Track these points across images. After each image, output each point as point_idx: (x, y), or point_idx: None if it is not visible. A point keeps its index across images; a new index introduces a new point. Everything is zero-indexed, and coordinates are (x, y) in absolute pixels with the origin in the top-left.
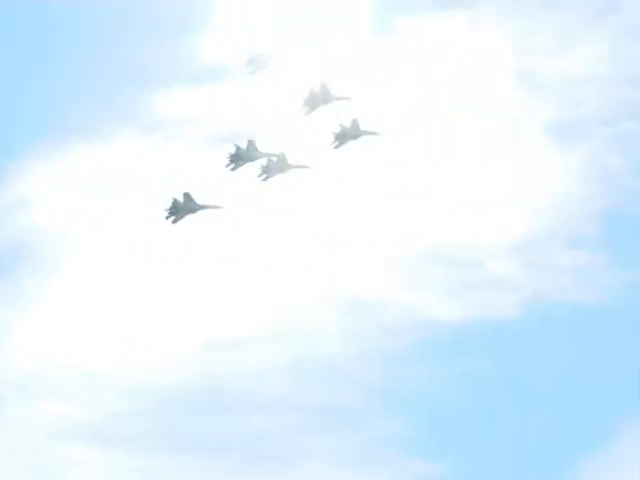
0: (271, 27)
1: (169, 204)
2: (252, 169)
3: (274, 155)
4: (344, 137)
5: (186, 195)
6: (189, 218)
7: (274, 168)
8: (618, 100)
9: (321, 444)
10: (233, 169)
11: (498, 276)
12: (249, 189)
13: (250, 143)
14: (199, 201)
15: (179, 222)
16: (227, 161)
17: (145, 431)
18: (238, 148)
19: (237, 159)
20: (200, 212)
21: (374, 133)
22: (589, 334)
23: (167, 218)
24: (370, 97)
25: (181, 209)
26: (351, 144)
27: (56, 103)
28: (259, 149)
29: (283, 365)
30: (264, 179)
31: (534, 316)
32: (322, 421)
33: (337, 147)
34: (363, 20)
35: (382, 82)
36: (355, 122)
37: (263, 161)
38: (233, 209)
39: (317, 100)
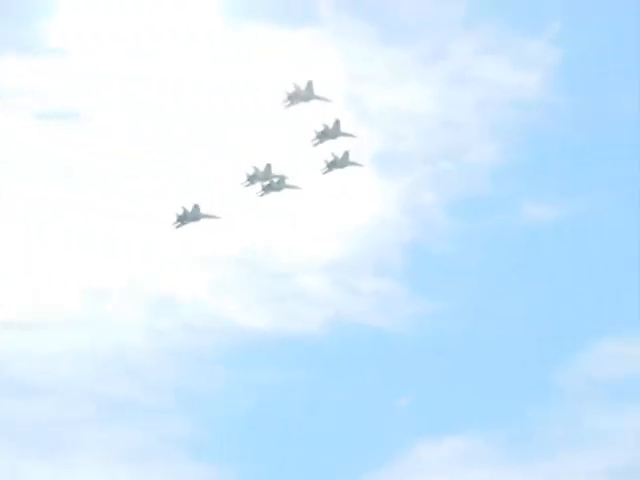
0: (117, 20)
1: (179, 213)
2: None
3: (281, 176)
4: (334, 165)
5: (195, 206)
6: None
7: (273, 187)
8: (439, 140)
9: (103, 437)
10: (247, 186)
11: (306, 291)
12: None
13: (267, 166)
14: (202, 210)
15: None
16: (244, 179)
17: None
18: (256, 170)
19: (254, 179)
20: (202, 220)
21: (359, 164)
22: (385, 359)
23: (174, 224)
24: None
25: (187, 217)
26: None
27: None
28: (272, 171)
29: (77, 352)
30: (260, 195)
31: (336, 334)
32: (109, 414)
33: (325, 173)
34: (212, 19)
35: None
36: (347, 153)
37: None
38: None
39: (328, 135)
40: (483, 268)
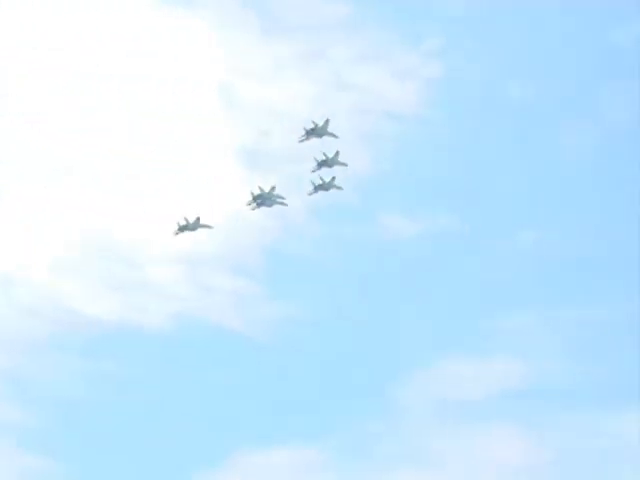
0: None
1: (182, 223)
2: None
3: (280, 197)
4: (320, 187)
5: (197, 218)
6: None
7: (264, 204)
8: (308, 142)
9: None
10: (250, 204)
11: (157, 283)
12: None
13: (272, 188)
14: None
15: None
16: (250, 200)
17: None
18: (262, 190)
19: (259, 198)
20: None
21: (340, 188)
22: (230, 359)
23: (174, 232)
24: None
25: (188, 228)
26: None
27: None
28: (275, 193)
29: None
30: (252, 208)
31: (183, 330)
32: None
33: (310, 194)
34: None
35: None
36: (333, 178)
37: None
38: None
39: (327, 163)
40: (340, 276)
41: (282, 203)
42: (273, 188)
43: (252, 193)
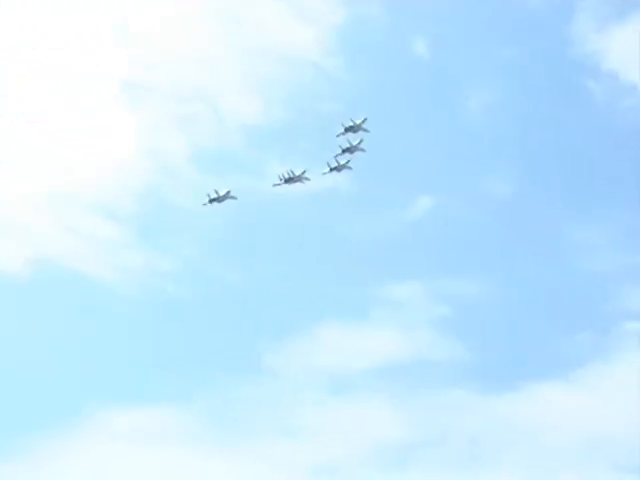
0: None
1: (212, 196)
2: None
3: (306, 178)
4: (335, 169)
5: (227, 191)
6: None
7: (290, 180)
8: (196, 80)
9: None
10: (277, 185)
11: (16, 225)
12: None
13: (303, 172)
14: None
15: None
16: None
17: None
18: (292, 173)
19: (290, 180)
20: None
21: (350, 168)
22: (92, 310)
23: (204, 204)
24: None
25: (217, 200)
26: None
27: None
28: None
29: None
30: (274, 185)
31: (40, 276)
32: None
33: (324, 174)
34: None
35: None
36: (347, 161)
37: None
38: None
39: (350, 150)
40: (220, 231)
41: (303, 182)
42: (303, 172)
43: (283, 175)
